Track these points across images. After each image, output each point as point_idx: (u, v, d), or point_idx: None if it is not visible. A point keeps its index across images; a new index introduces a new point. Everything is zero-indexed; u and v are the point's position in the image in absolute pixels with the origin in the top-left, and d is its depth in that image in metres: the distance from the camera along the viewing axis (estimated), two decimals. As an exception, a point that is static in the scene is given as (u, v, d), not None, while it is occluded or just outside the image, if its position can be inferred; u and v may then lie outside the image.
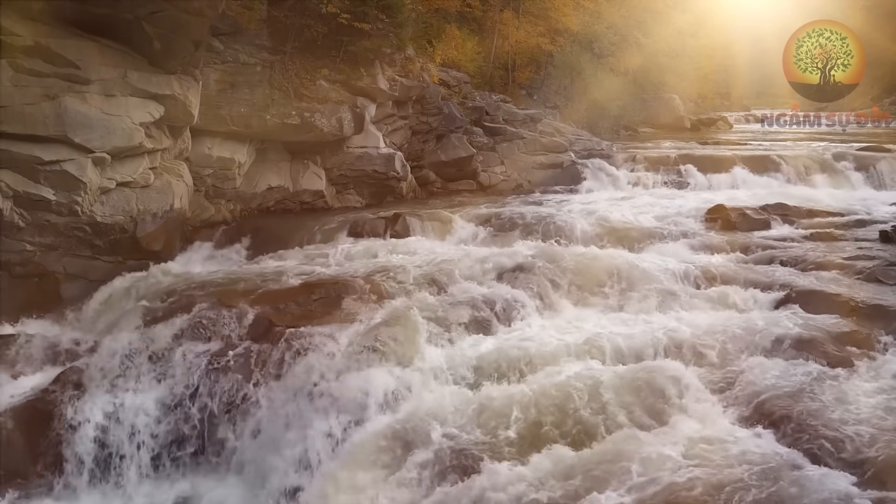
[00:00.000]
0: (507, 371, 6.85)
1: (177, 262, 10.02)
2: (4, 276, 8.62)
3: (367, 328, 7.51)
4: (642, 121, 28.69)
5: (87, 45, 8.54)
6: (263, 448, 6.70)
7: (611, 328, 7.65)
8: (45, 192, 8.50)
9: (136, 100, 9.08)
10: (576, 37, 24.90)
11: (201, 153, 11.22)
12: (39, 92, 8.24)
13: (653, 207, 12.90)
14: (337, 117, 12.53)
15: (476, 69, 20.36)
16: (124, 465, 6.80)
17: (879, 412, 5.61)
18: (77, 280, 9.12)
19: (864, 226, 11.13)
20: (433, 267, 9.15)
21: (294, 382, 6.95)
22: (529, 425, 5.90)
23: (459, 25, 20.75)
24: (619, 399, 6.04)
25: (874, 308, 7.56)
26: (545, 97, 23.15)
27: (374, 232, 11.20)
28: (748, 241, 10.46)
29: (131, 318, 8.00)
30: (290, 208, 12.87)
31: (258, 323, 7.75)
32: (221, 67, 11.26)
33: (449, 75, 17.64)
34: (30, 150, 8.26)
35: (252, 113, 11.48)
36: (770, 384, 6.16)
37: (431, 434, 5.97)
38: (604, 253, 9.75)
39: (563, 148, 16.85)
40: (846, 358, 6.57)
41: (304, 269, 9.40)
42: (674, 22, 30.82)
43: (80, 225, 8.94)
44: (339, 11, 12.24)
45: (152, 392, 7.14)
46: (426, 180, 15.39)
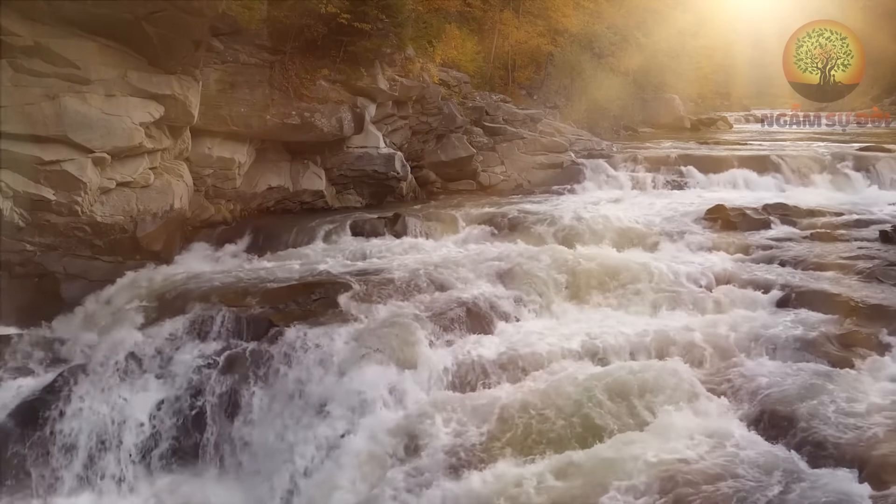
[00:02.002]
0: (507, 371, 6.86)
1: (177, 262, 10.00)
2: (4, 276, 8.60)
3: (367, 328, 7.51)
4: (642, 121, 28.68)
5: (87, 45, 8.53)
6: (263, 448, 6.70)
7: (611, 328, 7.66)
8: (45, 192, 8.49)
9: (136, 100, 9.07)
10: (576, 37, 24.92)
11: (201, 153, 11.21)
12: (39, 92, 8.23)
13: (652, 207, 12.89)
14: (337, 117, 12.52)
15: (476, 69, 20.35)
16: (123, 466, 6.80)
17: (880, 412, 5.61)
18: (77, 280, 9.10)
19: (864, 226, 11.13)
20: (433, 267, 9.16)
21: (293, 382, 6.95)
22: (529, 425, 5.90)
23: (459, 25, 20.74)
24: (620, 399, 6.05)
25: (874, 308, 7.56)
26: (545, 97, 23.15)
27: (374, 232, 11.21)
28: (748, 241, 10.45)
29: (131, 318, 8.00)
30: (289, 208, 12.86)
31: (258, 323, 7.75)
32: (221, 67, 11.24)
33: (449, 75, 17.62)
34: (30, 150, 8.25)
35: (252, 113, 11.47)
36: (770, 384, 6.16)
37: (431, 434, 5.98)
38: (604, 253, 9.75)
39: (562, 148, 16.84)
40: (846, 358, 6.58)
41: (303, 269, 9.40)
42: (674, 22, 30.81)
43: (80, 225, 8.93)
44: (339, 11, 12.23)
45: (152, 392, 7.14)
46: (426, 180, 15.38)
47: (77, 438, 6.76)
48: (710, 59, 36.76)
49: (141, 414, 6.99)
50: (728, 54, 41.01)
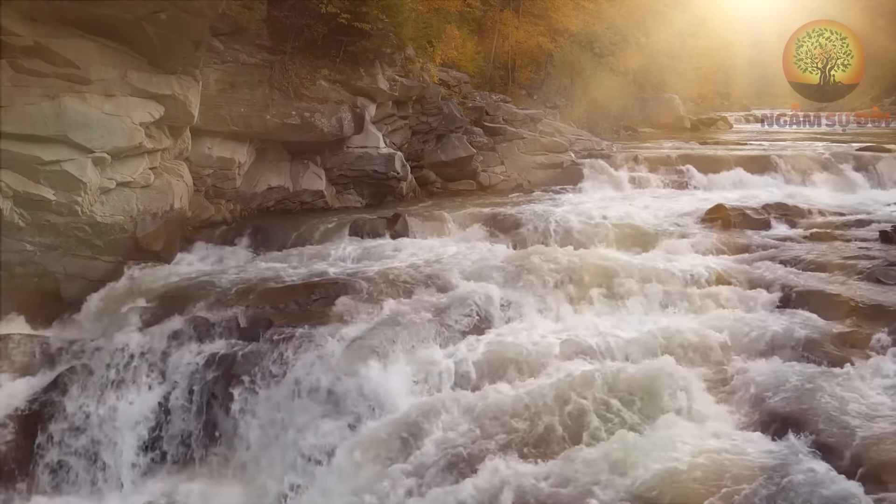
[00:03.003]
0: (506, 371, 6.86)
1: (177, 262, 10.00)
2: (4, 276, 8.60)
3: (367, 328, 7.51)
4: (642, 121, 28.69)
5: (87, 45, 8.52)
6: (263, 448, 6.70)
7: (610, 328, 7.67)
8: (45, 192, 8.49)
9: (136, 100, 9.06)
10: (576, 37, 24.91)
11: (201, 153, 11.22)
12: (39, 92, 8.23)
13: (652, 207, 12.89)
14: (337, 117, 12.53)
15: (476, 69, 20.35)
16: (123, 466, 6.80)
17: (880, 412, 5.61)
18: (77, 280, 9.10)
19: (864, 226, 11.13)
20: (433, 267, 9.16)
21: (294, 382, 6.95)
22: (528, 425, 5.90)
23: (459, 25, 20.73)
24: (619, 399, 6.05)
25: (874, 308, 7.56)
26: (545, 97, 23.15)
27: (374, 232, 11.21)
28: (748, 241, 10.46)
29: (131, 319, 7.99)
30: (290, 208, 12.87)
31: (258, 323, 7.75)
32: (221, 67, 11.25)
33: (449, 75, 17.63)
34: (30, 150, 8.25)
35: (252, 113, 11.47)
36: (770, 384, 6.16)
37: (430, 434, 5.99)
38: (604, 253, 9.75)
39: (563, 148, 16.84)
40: (846, 358, 6.57)
41: (303, 269, 9.40)
42: (674, 22, 30.81)
43: (80, 225, 8.93)
44: (339, 11, 12.23)
45: (151, 392, 7.15)
46: (426, 180, 15.39)
47: (77, 439, 6.76)
48: (709, 59, 36.78)
49: (141, 414, 7.00)
50: (728, 54, 41.01)
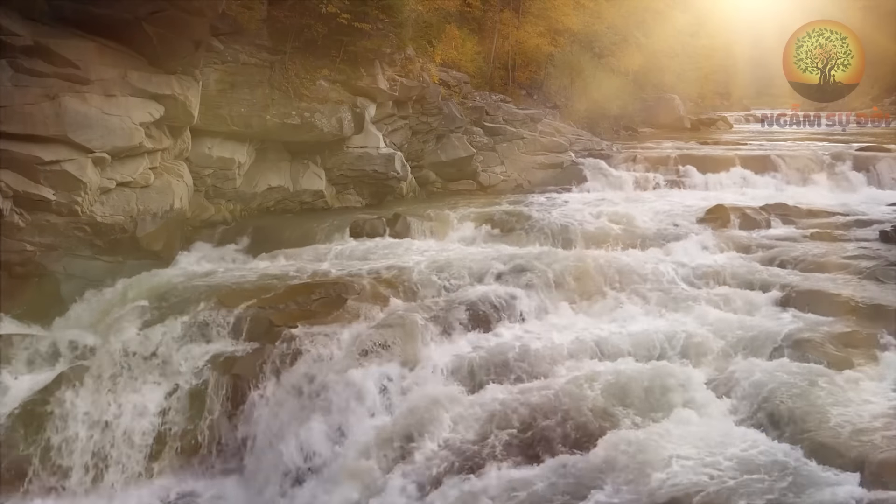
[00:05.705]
0: (506, 371, 6.86)
1: (177, 262, 10.01)
2: (4, 276, 8.60)
3: (367, 328, 7.52)
4: (642, 121, 28.64)
5: (87, 45, 8.53)
6: (264, 447, 6.71)
7: (611, 328, 7.67)
8: (45, 192, 8.49)
9: (136, 100, 9.07)
10: (576, 37, 24.86)
11: (201, 153, 11.23)
12: (39, 92, 8.23)
13: (652, 207, 12.90)
14: (337, 117, 12.54)
15: (476, 69, 20.31)
16: (124, 466, 6.80)
17: (880, 412, 5.61)
18: (77, 280, 9.10)
19: (864, 226, 11.13)
20: (433, 267, 9.16)
21: (294, 382, 6.96)
22: (529, 425, 5.89)
23: (459, 25, 20.70)
24: (620, 399, 6.05)
25: (874, 308, 7.56)
26: (545, 97, 23.11)
27: (374, 232, 11.21)
28: (748, 241, 10.46)
29: (131, 319, 8.00)
30: (290, 208, 12.88)
31: (258, 323, 7.75)
32: (221, 67, 11.26)
33: (449, 75, 17.61)
34: (30, 150, 8.25)
35: (252, 113, 11.49)
36: (770, 384, 6.15)
37: (431, 434, 5.98)
38: (604, 253, 9.76)
39: (563, 148, 16.85)
40: (846, 358, 6.57)
41: (303, 269, 9.41)
42: (674, 22, 30.76)
43: (80, 225, 8.93)
44: (339, 11, 12.24)
45: (152, 392, 7.14)
46: (426, 180, 15.40)
47: (78, 438, 6.76)
48: (710, 59, 36.70)
49: (142, 414, 7.00)
50: (728, 54, 40.96)
